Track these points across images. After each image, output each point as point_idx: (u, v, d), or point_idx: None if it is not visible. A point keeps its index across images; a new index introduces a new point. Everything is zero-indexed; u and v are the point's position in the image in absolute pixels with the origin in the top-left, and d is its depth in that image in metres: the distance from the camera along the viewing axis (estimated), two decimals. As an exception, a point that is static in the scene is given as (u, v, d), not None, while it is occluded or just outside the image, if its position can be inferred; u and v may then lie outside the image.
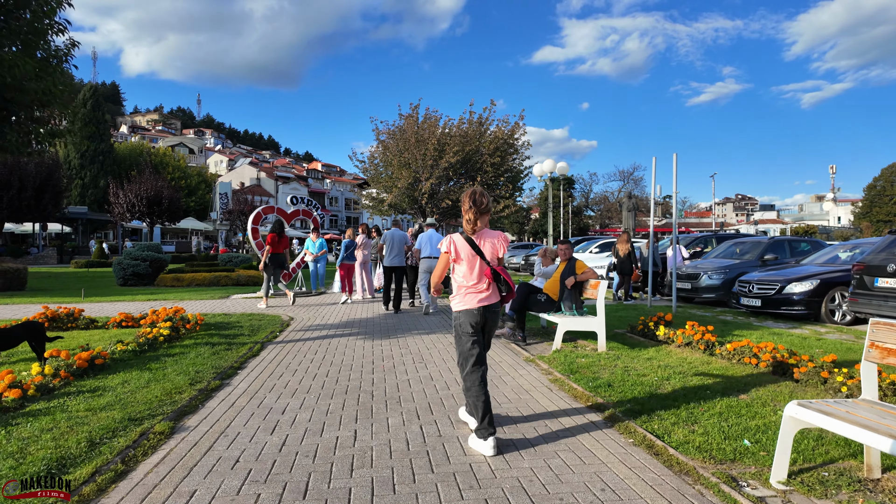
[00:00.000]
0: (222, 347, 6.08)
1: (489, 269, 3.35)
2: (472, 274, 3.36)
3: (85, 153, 42.37)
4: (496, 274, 3.35)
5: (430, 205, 24.08)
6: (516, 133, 24.11)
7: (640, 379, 4.75)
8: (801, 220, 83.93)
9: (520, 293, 6.56)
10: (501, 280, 3.37)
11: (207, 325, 7.77)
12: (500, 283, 3.38)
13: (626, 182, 77.13)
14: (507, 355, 5.92)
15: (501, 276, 3.35)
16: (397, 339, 6.93)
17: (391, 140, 24.37)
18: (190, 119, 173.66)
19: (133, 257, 15.92)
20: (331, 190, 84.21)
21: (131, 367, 5.03)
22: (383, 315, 9.40)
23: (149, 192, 23.61)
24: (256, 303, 11.12)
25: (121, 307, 10.60)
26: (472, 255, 3.36)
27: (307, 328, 7.88)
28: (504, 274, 3.37)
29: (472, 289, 3.37)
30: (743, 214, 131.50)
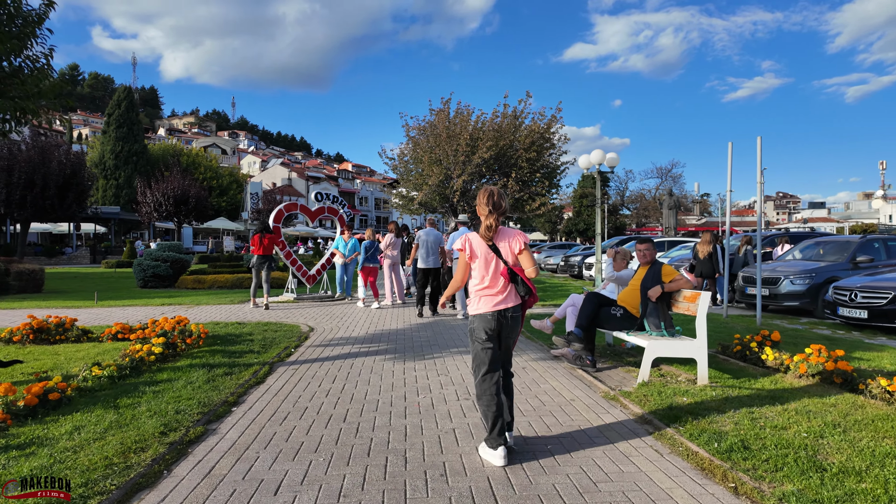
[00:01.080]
0: (221, 371, 4.94)
1: (506, 269, 3.17)
2: (488, 274, 3.19)
3: (119, 154, 42.73)
4: (513, 274, 3.16)
5: (461, 202, 22.82)
6: (553, 126, 22.63)
7: (781, 436, 3.35)
8: (849, 219, 79.02)
9: (588, 306, 5.21)
10: (519, 281, 3.17)
11: (213, 339, 6.69)
12: (517, 285, 3.18)
13: (665, 179, 74.16)
14: (578, 389, 4.58)
15: (519, 277, 3.17)
16: (434, 360, 5.67)
17: (421, 136, 23.23)
18: (225, 121, 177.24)
19: (154, 258, 15.18)
20: (361, 190, 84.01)
21: (97, 403, 3.91)
22: (416, 325, 8.16)
23: (175, 191, 23.11)
24: (274, 307, 10.16)
25: (131, 312, 9.70)
26: (489, 253, 3.20)
27: (327, 342, 6.71)
28: (522, 274, 3.18)
29: (488, 291, 3.19)
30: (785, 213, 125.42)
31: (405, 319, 8.82)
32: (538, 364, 5.51)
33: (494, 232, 3.18)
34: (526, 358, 5.78)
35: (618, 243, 20.48)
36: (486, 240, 3.19)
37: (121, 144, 43.11)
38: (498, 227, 3.20)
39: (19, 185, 16.80)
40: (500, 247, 3.18)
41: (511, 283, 3.17)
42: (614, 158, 13.26)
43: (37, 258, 31.27)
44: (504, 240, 3.20)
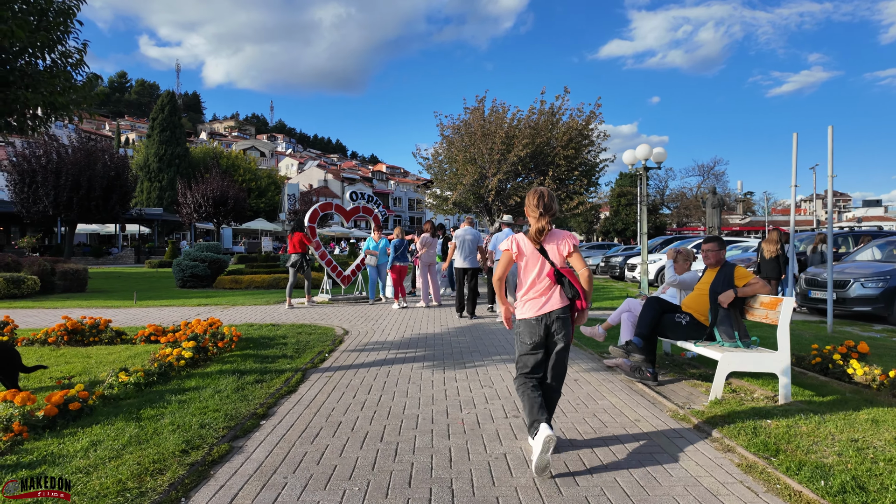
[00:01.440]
0: (252, 378, 4.66)
1: (552, 270, 3.08)
2: (533, 274, 3.11)
3: (162, 157, 44.07)
4: (559, 275, 3.08)
5: (496, 202, 22.32)
6: (592, 122, 21.87)
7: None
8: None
9: (649, 312, 4.69)
10: (566, 283, 3.07)
11: (246, 342, 6.46)
12: (564, 287, 3.08)
13: (707, 177, 71.64)
14: (641, 407, 4.07)
15: (566, 279, 3.07)
16: (475, 369, 5.25)
17: (456, 135, 22.84)
18: (263, 125, 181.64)
19: (192, 258, 15.32)
20: (394, 190, 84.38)
21: (119, 414, 3.66)
22: (454, 329, 7.76)
23: (215, 192, 23.48)
24: (310, 306, 10.02)
25: (168, 313, 9.67)
26: (536, 254, 3.12)
27: (362, 347, 6.38)
28: (570, 276, 3.08)
29: (533, 293, 3.11)
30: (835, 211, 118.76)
31: (442, 323, 8.44)
32: (591, 376, 5.02)
33: (545, 236, 3.08)
34: (577, 368, 5.29)
35: (662, 243, 19.56)
36: (535, 243, 3.09)
37: (164, 148, 44.46)
38: (549, 230, 3.09)
39: (66, 188, 17.27)
40: (547, 249, 3.10)
41: (557, 285, 3.07)
42: (661, 153, 12.54)
43: (85, 258, 32.47)
44: (552, 242, 3.11)
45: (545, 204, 3.08)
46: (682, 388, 4.63)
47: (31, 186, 17.21)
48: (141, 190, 44.18)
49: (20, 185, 17.28)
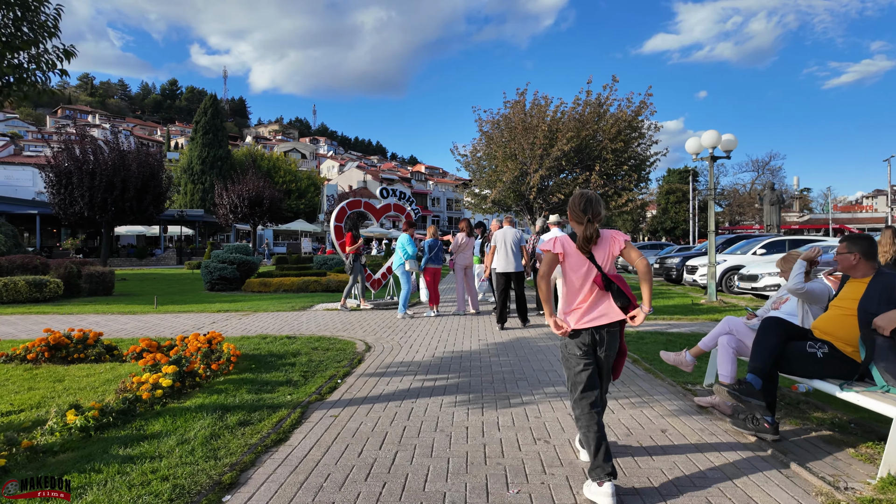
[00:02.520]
0: (237, 418, 3.63)
1: (599, 276, 2.77)
2: (578, 281, 2.83)
3: (205, 159, 44.73)
4: (608, 281, 2.76)
5: (538, 200, 20.94)
6: (642, 113, 20.16)
7: None
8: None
9: (769, 338, 3.37)
10: (615, 289, 2.76)
11: (249, 361, 5.49)
12: (613, 295, 2.77)
13: (761, 172, 67.66)
14: (770, 484, 2.77)
15: (615, 285, 2.76)
16: (523, 408, 4.05)
17: (495, 130, 21.61)
18: (306, 128, 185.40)
19: (220, 260, 14.72)
20: (433, 191, 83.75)
21: (34, 483, 2.67)
22: (494, 346, 6.57)
23: (250, 193, 23.15)
24: (340, 311, 9.09)
25: (184, 320, 8.91)
26: (581, 258, 2.82)
27: (383, 370, 5.29)
28: (619, 282, 2.77)
29: (579, 303, 2.83)
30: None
31: (480, 336, 7.26)
32: (682, 424, 3.73)
33: (594, 243, 2.82)
34: (659, 410, 4.01)
35: (724, 243, 17.70)
36: (584, 252, 2.82)
37: (207, 150, 45.14)
38: (598, 237, 2.82)
39: (101, 188, 17.09)
40: (595, 254, 2.83)
41: (606, 293, 2.80)
42: (731, 140, 10.94)
43: (129, 259, 33.09)
44: (601, 246, 2.85)
45: (593, 209, 2.80)
46: (817, 447, 3.30)
47: (68, 188, 17.12)
48: (185, 192, 45.01)
49: (57, 187, 17.22)
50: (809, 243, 14.08)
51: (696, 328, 7.86)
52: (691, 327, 7.99)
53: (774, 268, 12.23)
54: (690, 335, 7.17)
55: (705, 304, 10.82)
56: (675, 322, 8.47)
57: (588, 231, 2.79)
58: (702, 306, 10.43)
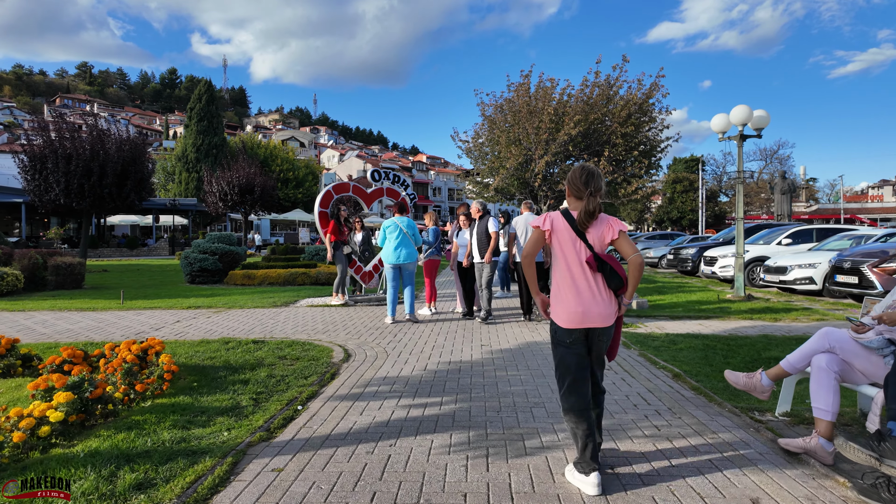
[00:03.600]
0: (133, 478, 2.55)
1: (591, 256, 2.60)
2: (569, 260, 2.64)
3: (200, 147, 43.50)
4: (601, 262, 2.59)
5: (543, 187, 19.77)
6: (653, 96, 18.91)
7: None
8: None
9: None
10: (608, 269, 2.58)
11: (194, 376, 4.41)
12: (606, 276, 2.58)
13: (769, 161, 66.32)
14: None
15: (608, 265, 2.58)
16: (544, 455, 2.95)
17: (498, 114, 20.39)
18: (307, 118, 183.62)
19: (201, 250, 13.64)
20: (434, 180, 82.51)
21: None
22: (501, 353, 5.47)
23: (241, 179, 21.97)
24: (316, 313, 7.91)
25: (147, 317, 7.85)
26: (573, 236, 2.63)
27: (360, 390, 4.19)
28: (612, 262, 2.59)
29: (570, 288, 2.61)
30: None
31: (483, 341, 6.16)
32: (774, 483, 2.60)
33: (596, 219, 2.62)
34: (733, 458, 2.88)
35: (751, 230, 16.51)
36: (582, 227, 2.61)
37: (202, 138, 43.88)
38: (599, 213, 2.62)
39: (77, 174, 15.95)
40: (588, 233, 2.62)
41: (598, 275, 2.59)
42: (763, 117, 9.76)
43: (119, 250, 32.03)
44: (595, 228, 2.63)
45: (595, 182, 2.61)
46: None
47: (42, 173, 15.99)
48: (179, 181, 43.84)
49: (31, 172, 16.09)
50: (839, 233, 12.93)
51: (733, 329, 6.75)
52: (727, 327, 6.89)
53: (805, 259, 11.10)
54: (730, 338, 6.06)
55: (732, 298, 9.71)
56: (707, 322, 7.37)
57: (590, 205, 2.59)
58: (731, 302, 9.32)
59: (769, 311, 8.36)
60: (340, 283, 9.30)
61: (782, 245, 13.24)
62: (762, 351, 5.49)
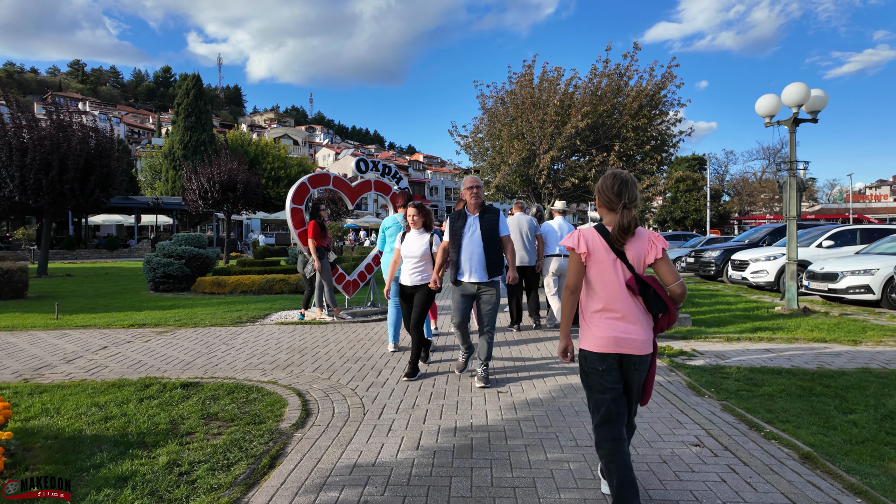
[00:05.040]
0: None
1: (633, 278, 2.29)
2: (607, 283, 2.32)
3: (187, 144, 41.81)
4: (644, 285, 2.29)
5: (548, 185, 18.23)
6: (666, 87, 17.41)
7: None
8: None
9: None
10: (651, 293, 2.29)
11: (56, 460, 2.82)
12: (649, 302, 2.30)
13: (772, 160, 65.14)
14: None
15: (651, 289, 2.28)
16: None
17: (500, 107, 18.86)
18: (303, 117, 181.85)
19: (166, 254, 12.01)
20: (431, 180, 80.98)
21: None
22: (531, 411, 3.90)
23: (223, 175, 20.32)
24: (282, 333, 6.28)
25: (65, 343, 6.23)
26: (610, 254, 2.33)
27: (311, 498, 2.62)
28: (655, 285, 2.29)
29: (605, 313, 2.33)
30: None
31: (501, 387, 4.58)
32: None
33: (633, 234, 2.33)
34: None
35: (768, 235, 14.98)
36: (617, 244, 2.32)
37: (189, 134, 42.19)
38: (636, 227, 2.33)
39: (33, 168, 14.28)
40: (627, 250, 2.33)
41: (639, 299, 2.31)
42: (821, 98, 8.22)
43: (98, 251, 30.32)
44: (633, 243, 2.35)
45: (629, 192, 2.31)
46: None
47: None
48: (166, 179, 42.14)
49: (-18, 166, 14.41)
50: (889, 234, 11.39)
51: (814, 357, 5.20)
52: (804, 354, 5.34)
53: (858, 264, 9.57)
54: (825, 375, 4.50)
55: (783, 311, 8.17)
56: (774, 346, 5.81)
57: (625, 219, 2.30)
58: (785, 317, 7.77)
59: (839, 329, 6.81)
60: (320, 295, 7.72)
61: (823, 248, 11.71)
62: (881, 397, 3.98)
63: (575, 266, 2.38)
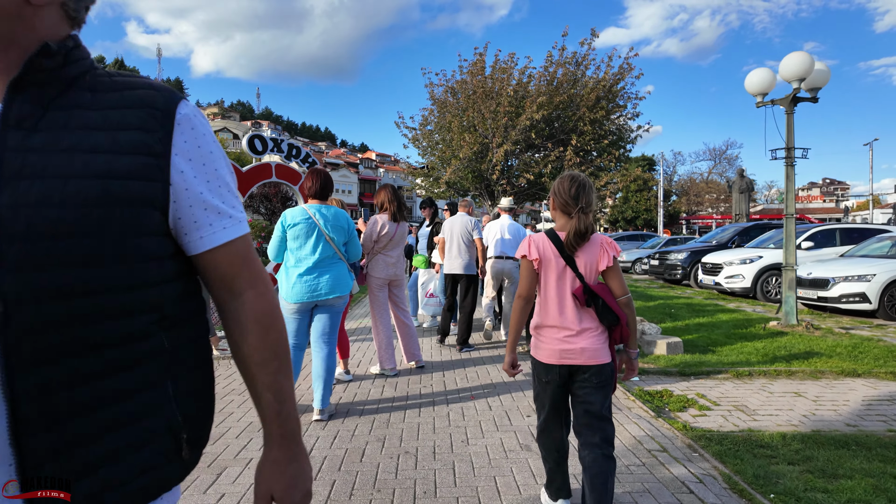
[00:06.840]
0: None
1: (580, 288, 2.20)
2: (555, 294, 2.25)
3: (109, 136, 38.03)
4: (592, 295, 2.19)
5: (502, 181, 16.78)
6: (624, 78, 16.32)
7: None
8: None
9: None
10: (600, 304, 2.18)
11: None
12: (599, 312, 2.19)
13: (718, 161, 66.65)
14: None
15: (601, 300, 2.18)
16: None
17: (450, 97, 17.34)
18: (249, 112, 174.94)
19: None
20: (383, 177, 79.07)
21: None
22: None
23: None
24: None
25: None
26: (559, 262, 2.25)
27: None
28: (605, 295, 2.20)
29: (552, 322, 2.25)
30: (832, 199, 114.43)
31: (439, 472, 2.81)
32: None
33: (587, 241, 2.25)
34: None
35: (739, 234, 13.99)
36: (570, 250, 2.24)
37: (111, 125, 38.40)
38: (591, 233, 2.24)
39: None
40: (577, 258, 2.26)
41: (588, 310, 2.21)
42: (824, 73, 6.93)
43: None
44: (584, 249, 2.26)
45: (586, 196, 2.24)
46: None
47: None
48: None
49: None
50: (873, 234, 10.45)
51: (863, 409, 3.72)
52: (848, 404, 3.87)
53: (851, 269, 8.43)
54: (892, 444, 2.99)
55: (781, 327, 6.85)
56: (798, 386, 4.33)
57: (582, 224, 2.21)
58: (784, 335, 6.39)
59: (862, 354, 5.47)
60: None
61: (803, 249, 10.64)
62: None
63: (527, 273, 2.33)
